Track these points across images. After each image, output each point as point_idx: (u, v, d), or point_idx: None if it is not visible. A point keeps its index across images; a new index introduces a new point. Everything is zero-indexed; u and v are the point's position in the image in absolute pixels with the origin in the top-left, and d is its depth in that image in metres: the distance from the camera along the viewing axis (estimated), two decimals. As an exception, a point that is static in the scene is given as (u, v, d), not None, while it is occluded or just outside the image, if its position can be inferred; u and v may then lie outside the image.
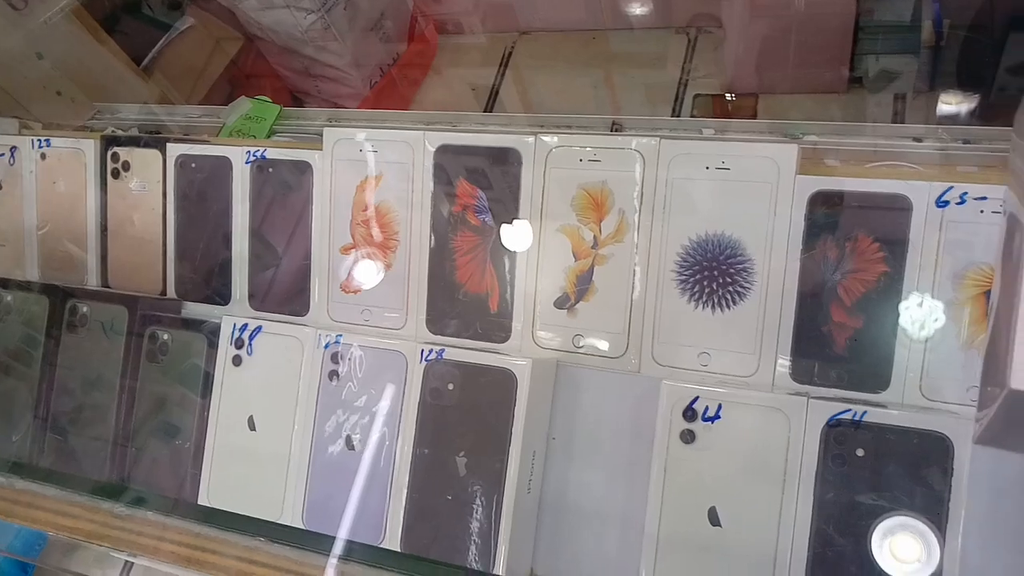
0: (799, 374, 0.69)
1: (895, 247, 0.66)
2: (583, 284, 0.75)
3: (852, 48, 1.47)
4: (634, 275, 0.74)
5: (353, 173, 0.83)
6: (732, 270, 0.70)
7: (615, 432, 0.74)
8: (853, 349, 0.67)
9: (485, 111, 1.74)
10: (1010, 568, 0.61)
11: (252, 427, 0.82)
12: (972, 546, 0.60)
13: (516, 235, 0.77)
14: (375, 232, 0.82)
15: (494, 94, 1.76)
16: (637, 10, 1.66)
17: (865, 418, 0.62)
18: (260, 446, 0.81)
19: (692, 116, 1.60)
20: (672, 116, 1.60)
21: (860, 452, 0.62)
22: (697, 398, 0.66)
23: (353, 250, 0.83)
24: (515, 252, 0.77)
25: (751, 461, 0.65)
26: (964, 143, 0.80)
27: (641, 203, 0.73)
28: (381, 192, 0.82)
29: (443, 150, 0.80)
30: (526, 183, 0.77)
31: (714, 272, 0.71)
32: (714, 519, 0.65)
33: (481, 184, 0.78)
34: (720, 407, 0.65)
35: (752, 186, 0.70)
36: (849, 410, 0.62)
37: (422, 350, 0.75)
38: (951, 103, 1.48)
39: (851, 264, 0.67)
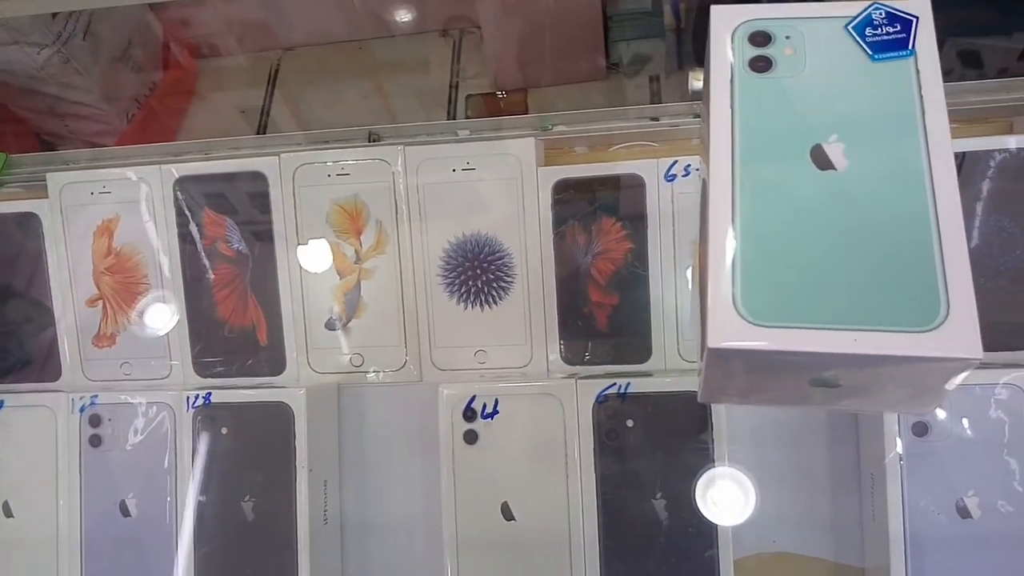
0: (570, 357, 0.71)
1: (636, 224, 0.70)
2: (352, 301, 0.73)
3: (604, 37, 1.55)
4: (401, 285, 0.73)
5: (87, 218, 0.76)
6: (493, 267, 0.71)
7: (407, 444, 0.73)
8: (615, 325, 0.70)
9: (257, 133, 1.67)
10: (772, 504, 0.67)
11: (9, 514, 0.73)
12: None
13: (275, 260, 0.74)
14: (121, 278, 0.76)
15: (265, 115, 1.70)
16: (396, 17, 1.65)
17: (629, 390, 0.65)
18: (21, 534, 0.73)
19: (467, 117, 1.62)
20: (448, 118, 1.62)
21: (630, 423, 0.65)
22: (474, 397, 0.66)
23: (100, 301, 0.76)
24: (276, 278, 0.74)
25: (533, 450, 0.66)
26: (695, 117, 0.86)
27: (396, 212, 0.73)
28: (122, 235, 0.76)
29: (184, 182, 0.75)
30: (276, 205, 0.74)
31: (477, 271, 0.72)
32: (507, 514, 0.66)
33: (229, 212, 0.75)
34: (497, 402, 0.66)
35: (499, 183, 0.71)
36: (614, 384, 0.65)
37: (187, 397, 0.70)
38: (697, 80, 1.60)
39: (600, 245, 0.70)
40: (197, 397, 0.70)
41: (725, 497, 0.65)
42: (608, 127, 0.92)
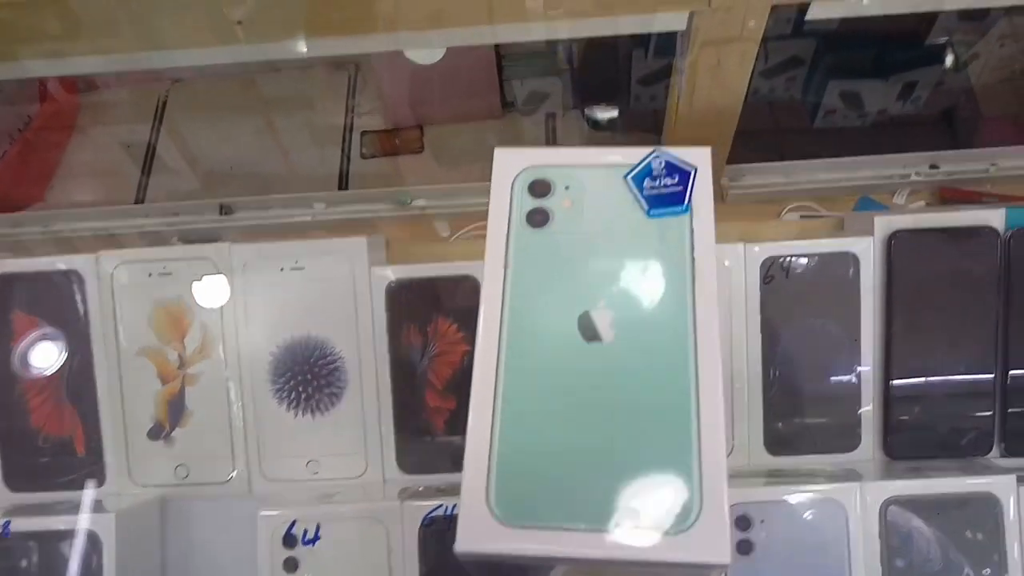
0: (407, 466, 0.68)
1: (472, 325, 0.66)
2: (176, 409, 0.69)
3: (499, 75, 1.52)
4: (228, 392, 0.68)
5: None
6: (324, 371, 0.67)
7: (235, 561, 0.69)
8: (453, 431, 0.67)
9: (143, 168, 1.60)
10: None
11: None
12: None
13: (92, 365, 0.69)
14: (-78, 387, 0.70)
15: (151, 151, 1.62)
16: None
17: (455, 511, 0.62)
18: None
19: (362, 154, 1.57)
20: (342, 155, 1.57)
21: (459, 545, 0.62)
22: (295, 522, 0.62)
23: (-100, 411, 0.70)
24: (94, 385, 0.69)
25: (357, 577, 0.62)
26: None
27: (222, 314, 0.68)
28: (-78, 339, 0.70)
29: (-9, 281, 0.70)
30: (93, 307, 0.69)
31: (307, 376, 0.68)
32: (329, 646, 0.62)
33: (42, 314, 0.69)
34: (319, 527, 0.62)
35: (329, 283, 0.67)
36: (440, 506, 0.62)
37: (-15, 525, 0.64)
38: (596, 117, 1.58)
39: (436, 348, 0.67)
40: (-4, 525, 0.64)
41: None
42: (472, 203, 0.89)
